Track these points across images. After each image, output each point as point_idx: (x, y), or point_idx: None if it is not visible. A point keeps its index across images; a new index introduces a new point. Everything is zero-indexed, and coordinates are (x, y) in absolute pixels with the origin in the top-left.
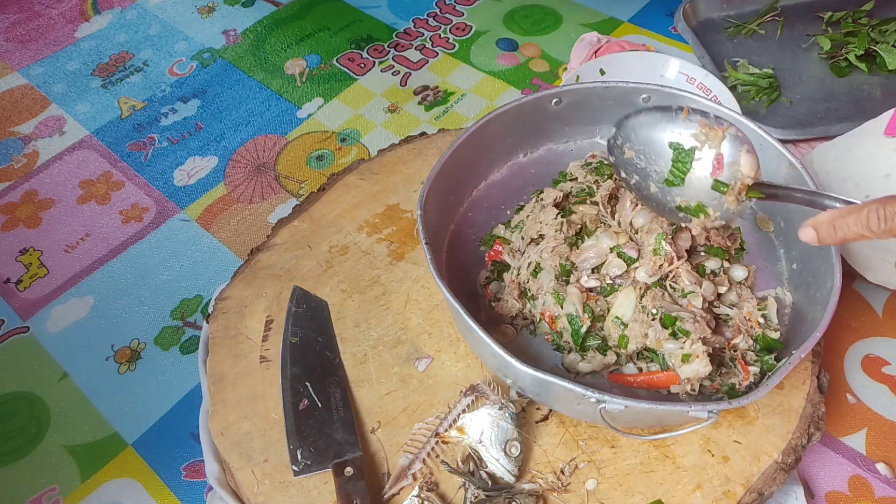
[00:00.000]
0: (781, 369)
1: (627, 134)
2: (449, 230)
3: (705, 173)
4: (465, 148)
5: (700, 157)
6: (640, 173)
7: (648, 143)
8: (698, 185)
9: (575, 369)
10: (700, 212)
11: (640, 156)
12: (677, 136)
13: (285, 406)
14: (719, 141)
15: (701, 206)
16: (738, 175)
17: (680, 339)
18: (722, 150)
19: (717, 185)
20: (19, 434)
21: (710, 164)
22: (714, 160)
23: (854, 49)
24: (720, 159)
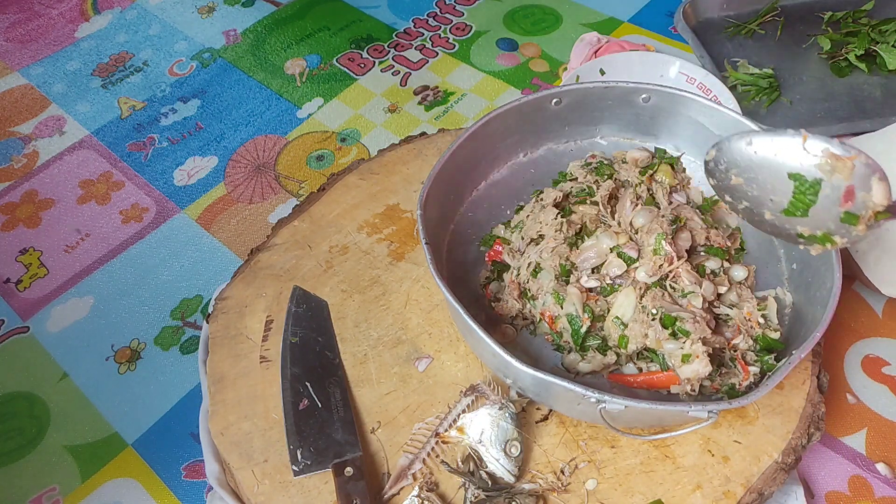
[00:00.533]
0: (781, 369)
1: (733, 159)
2: (449, 230)
3: (833, 204)
4: (465, 148)
5: (827, 188)
6: (752, 201)
7: (761, 172)
8: (825, 215)
9: (575, 369)
10: (827, 241)
11: (750, 184)
12: (797, 166)
13: (285, 406)
14: (849, 172)
15: (827, 235)
16: (870, 204)
17: (680, 339)
18: (852, 181)
19: (848, 217)
20: (19, 434)
21: (838, 195)
22: (844, 193)
23: (854, 49)
24: (851, 191)
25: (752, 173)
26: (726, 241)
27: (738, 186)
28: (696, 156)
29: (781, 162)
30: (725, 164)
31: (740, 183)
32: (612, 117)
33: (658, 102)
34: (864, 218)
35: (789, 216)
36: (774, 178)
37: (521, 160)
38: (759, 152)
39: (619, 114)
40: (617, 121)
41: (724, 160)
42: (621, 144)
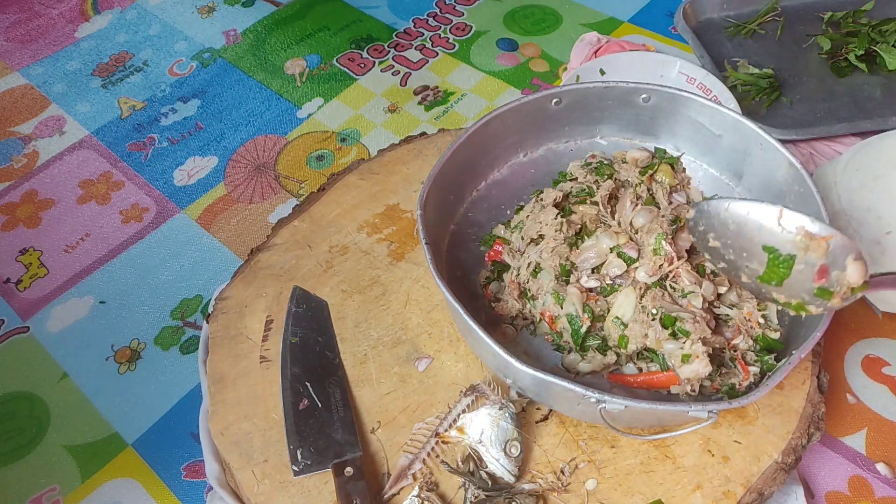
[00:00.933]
0: (781, 369)
1: (711, 223)
2: (449, 230)
3: (807, 279)
4: (465, 148)
5: (801, 264)
6: (729, 263)
7: (737, 239)
8: (799, 287)
9: (575, 369)
10: (801, 309)
11: (727, 248)
12: (772, 240)
13: (285, 406)
14: (823, 252)
15: (802, 304)
16: (844, 283)
17: (680, 339)
18: (826, 259)
19: (822, 292)
20: (19, 434)
21: (812, 272)
22: (817, 270)
23: (854, 49)
24: (825, 269)
25: (729, 239)
26: None
27: (715, 249)
28: (696, 156)
29: (757, 233)
30: (704, 227)
31: (717, 246)
32: (612, 117)
33: (658, 102)
34: (839, 294)
35: (764, 283)
36: (750, 247)
37: (521, 160)
38: (736, 220)
39: (619, 114)
40: (617, 121)
41: (702, 223)
42: (621, 144)
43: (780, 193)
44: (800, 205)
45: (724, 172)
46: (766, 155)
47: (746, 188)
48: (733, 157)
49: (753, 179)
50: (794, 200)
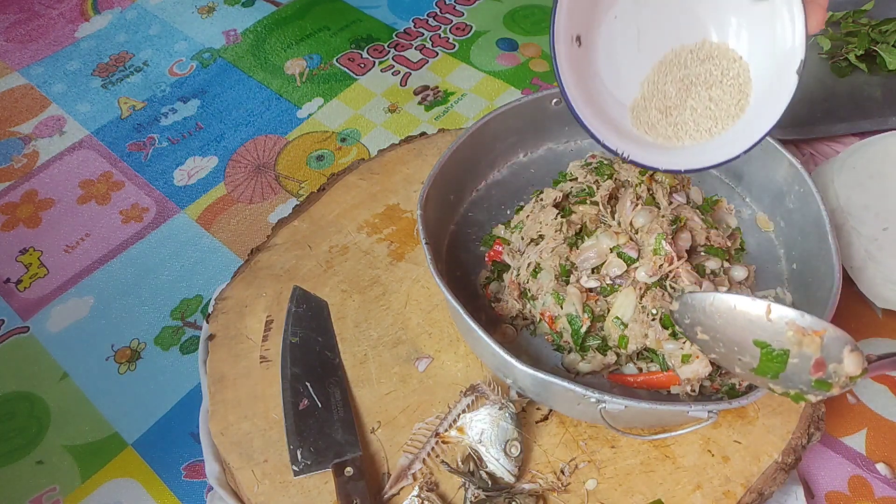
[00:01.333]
0: None
1: (697, 317)
2: (449, 230)
3: (803, 371)
4: (465, 148)
5: (795, 358)
6: (721, 356)
7: (726, 332)
8: (796, 379)
9: (575, 369)
10: (800, 399)
11: (717, 342)
12: (763, 335)
13: (285, 406)
14: (817, 347)
15: (800, 395)
16: (842, 373)
17: (680, 339)
18: (822, 353)
19: (820, 384)
20: (19, 434)
21: (808, 364)
22: (813, 364)
23: (854, 49)
24: (821, 363)
25: (717, 333)
26: (726, 241)
27: (705, 342)
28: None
29: (746, 328)
30: (690, 320)
31: (706, 340)
32: None
33: None
34: (837, 384)
35: (759, 375)
36: (741, 341)
37: (521, 160)
38: (723, 315)
39: None
40: None
41: (688, 315)
42: None
43: (780, 193)
44: (800, 204)
45: (724, 172)
46: (766, 155)
47: (746, 188)
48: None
49: (753, 179)
50: (794, 200)
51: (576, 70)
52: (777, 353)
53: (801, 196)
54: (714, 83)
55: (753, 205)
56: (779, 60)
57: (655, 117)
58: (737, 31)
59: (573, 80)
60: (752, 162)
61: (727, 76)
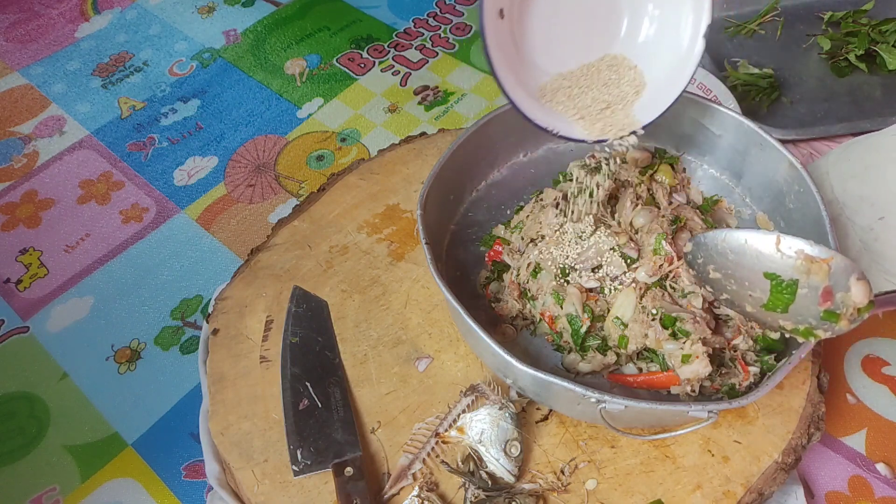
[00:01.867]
0: (781, 369)
1: (710, 255)
2: (449, 230)
3: (812, 303)
4: (465, 148)
5: (804, 288)
6: (732, 294)
7: (737, 269)
8: (805, 312)
9: (575, 369)
10: (809, 335)
11: (728, 279)
12: (773, 266)
13: (285, 406)
14: (825, 274)
15: (810, 329)
16: (850, 303)
17: (680, 339)
18: (829, 281)
19: (829, 315)
20: (19, 434)
21: (816, 295)
22: (821, 293)
23: (854, 49)
24: (828, 291)
25: (729, 270)
26: None
27: (717, 281)
28: (696, 156)
29: (756, 261)
30: (703, 259)
31: (718, 278)
32: None
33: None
34: (846, 315)
35: (770, 311)
36: (751, 276)
37: (521, 160)
38: (734, 250)
39: None
40: None
41: (700, 255)
42: None
43: (780, 193)
44: (800, 204)
45: (724, 172)
46: (766, 155)
47: (746, 188)
48: (733, 157)
49: (753, 179)
50: (794, 200)
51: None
52: (786, 283)
53: (800, 196)
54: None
55: (753, 205)
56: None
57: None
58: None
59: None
60: (752, 162)
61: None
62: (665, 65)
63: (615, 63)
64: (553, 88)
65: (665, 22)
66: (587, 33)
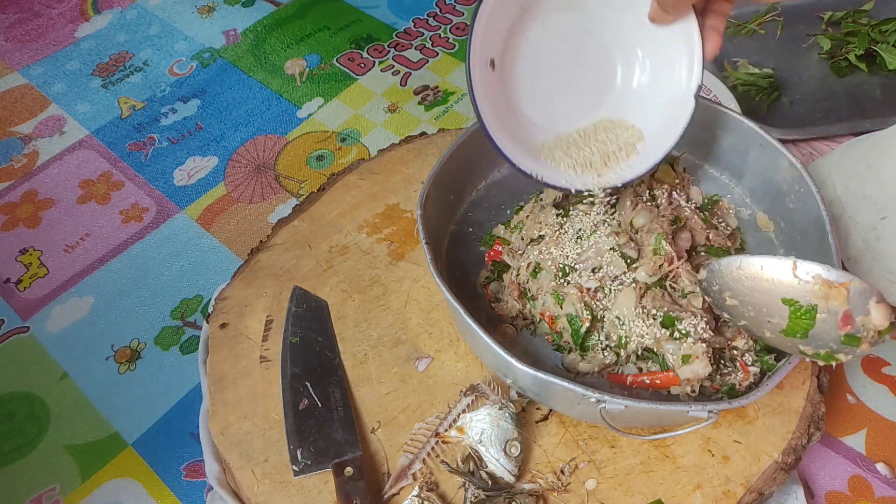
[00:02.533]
0: (781, 370)
1: (725, 283)
2: (449, 230)
3: (832, 328)
4: (465, 148)
5: (823, 313)
6: (750, 321)
7: (754, 295)
8: (825, 336)
9: (575, 369)
10: (831, 359)
11: (745, 306)
12: (790, 292)
13: (285, 406)
14: (844, 299)
15: (831, 354)
16: (870, 325)
17: (680, 339)
18: (849, 305)
19: (850, 339)
20: (19, 434)
21: (836, 320)
22: (841, 318)
23: (854, 49)
24: (849, 316)
25: (746, 296)
26: (726, 240)
27: (734, 307)
28: (697, 156)
29: (774, 287)
30: (718, 287)
31: (735, 304)
32: None
33: None
34: (867, 338)
35: (789, 336)
36: (769, 302)
37: None
38: (750, 277)
39: None
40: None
41: (716, 282)
42: None
43: (780, 193)
44: (800, 204)
45: (724, 172)
46: (766, 155)
47: (747, 188)
48: (733, 157)
49: (753, 179)
50: (795, 200)
51: (490, 94)
52: (805, 309)
53: (801, 196)
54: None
55: (753, 205)
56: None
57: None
58: (642, 60)
59: (488, 104)
60: (752, 162)
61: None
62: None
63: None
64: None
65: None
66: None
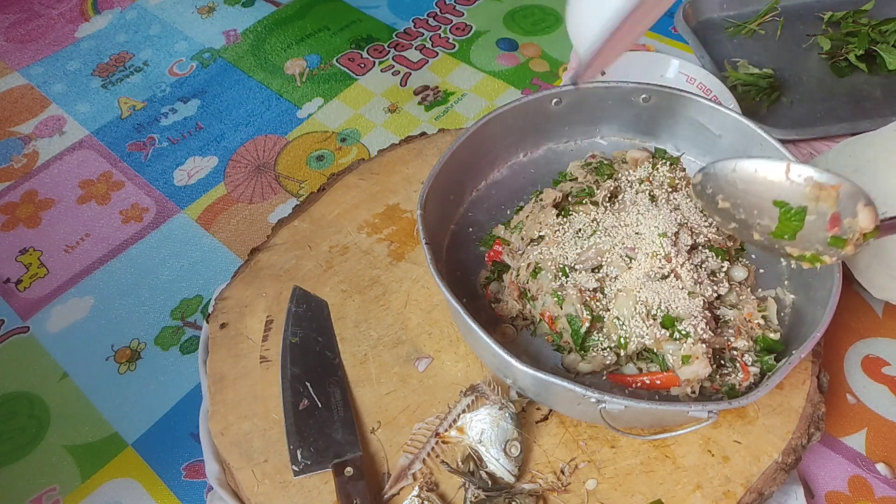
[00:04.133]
0: (781, 370)
1: (719, 185)
2: (449, 230)
3: (819, 229)
4: (465, 148)
5: (812, 214)
6: (740, 223)
7: (746, 197)
8: (812, 238)
9: (575, 369)
10: (816, 261)
11: (737, 208)
12: (782, 194)
13: (285, 406)
14: (833, 200)
15: (816, 256)
16: (856, 228)
17: (680, 340)
18: (838, 207)
19: (836, 241)
20: (19, 434)
21: (824, 221)
22: (829, 219)
23: (854, 49)
24: (836, 217)
25: (738, 199)
26: (727, 241)
27: (726, 210)
28: (696, 156)
29: (766, 189)
30: (712, 189)
31: (727, 207)
32: (612, 117)
33: (658, 102)
34: (852, 240)
35: (777, 238)
36: (760, 204)
37: (521, 160)
38: (744, 179)
39: (620, 114)
40: (617, 121)
41: (710, 185)
42: (621, 144)
43: None
44: None
45: None
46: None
47: None
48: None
49: None
50: None
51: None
52: (795, 210)
53: None
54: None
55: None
56: None
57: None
58: None
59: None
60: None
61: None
62: None
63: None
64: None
65: None
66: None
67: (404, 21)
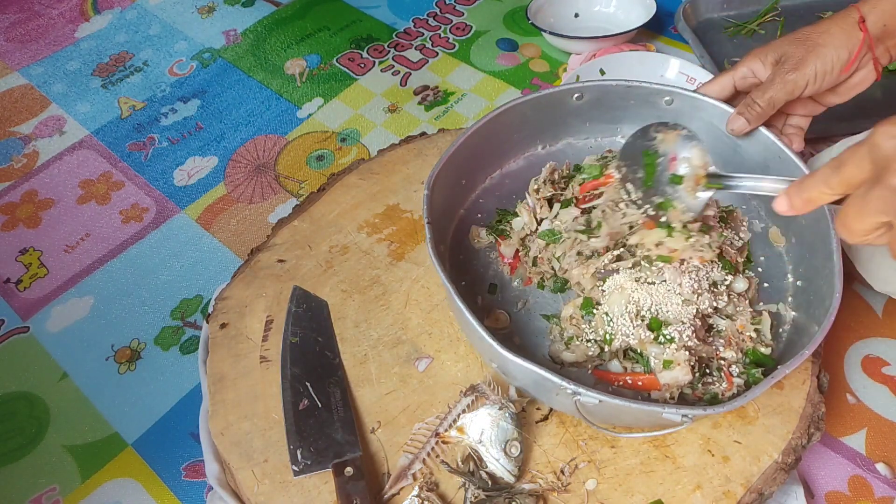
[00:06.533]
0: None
1: (625, 156)
2: (458, 214)
3: (665, 170)
4: (480, 134)
5: (661, 157)
6: (634, 182)
7: (632, 158)
8: (662, 179)
9: (559, 359)
10: (668, 206)
11: (632, 169)
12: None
13: (285, 406)
14: (673, 142)
15: (668, 201)
16: (692, 166)
17: (664, 344)
18: (675, 149)
19: (674, 178)
20: (19, 434)
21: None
22: (669, 160)
23: None
24: (674, 158)
25: (629, 160)
26: (737, 255)
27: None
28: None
29: (640, 144)
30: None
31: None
32: (633, 117)
33: (681, 106)
34: (690, 180)
35: (647, 188)
36: (638, 160)
37: (539, 152)
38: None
39: (641, 114)
40: (638, 121)
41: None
42: None
43: None
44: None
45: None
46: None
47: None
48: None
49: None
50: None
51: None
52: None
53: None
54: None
55: (768, 218)
56: None
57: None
58: None
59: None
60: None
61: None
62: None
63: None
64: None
65: None
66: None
67: (404, 21)
